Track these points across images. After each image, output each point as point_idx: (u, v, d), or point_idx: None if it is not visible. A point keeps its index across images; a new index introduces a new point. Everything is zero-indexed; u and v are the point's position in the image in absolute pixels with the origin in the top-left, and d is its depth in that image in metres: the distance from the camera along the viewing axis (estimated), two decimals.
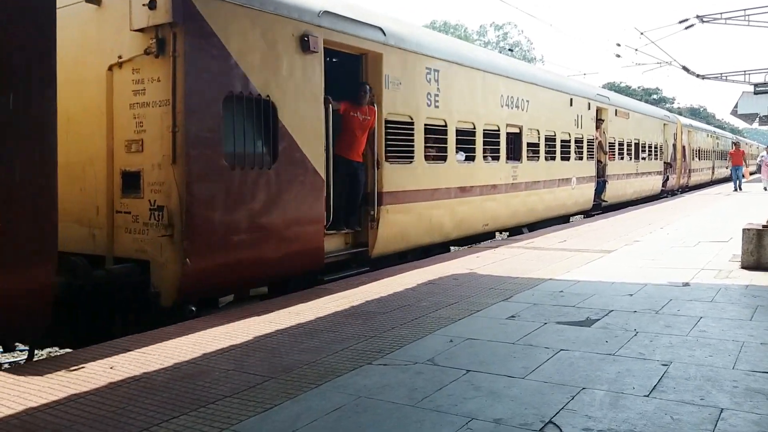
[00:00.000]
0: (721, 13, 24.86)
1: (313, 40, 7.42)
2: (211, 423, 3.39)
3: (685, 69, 29.46)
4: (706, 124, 47.28)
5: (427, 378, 4.04)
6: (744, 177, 28.45)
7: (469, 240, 11.67)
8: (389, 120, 8.98)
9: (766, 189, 26.11)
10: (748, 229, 7.83)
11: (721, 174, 40.64)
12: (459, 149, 10.77)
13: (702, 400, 3.56)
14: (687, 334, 4.93)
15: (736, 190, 26.13)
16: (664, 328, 5.12)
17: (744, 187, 27.48)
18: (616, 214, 16.65)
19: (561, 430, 3.20)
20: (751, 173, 42.70)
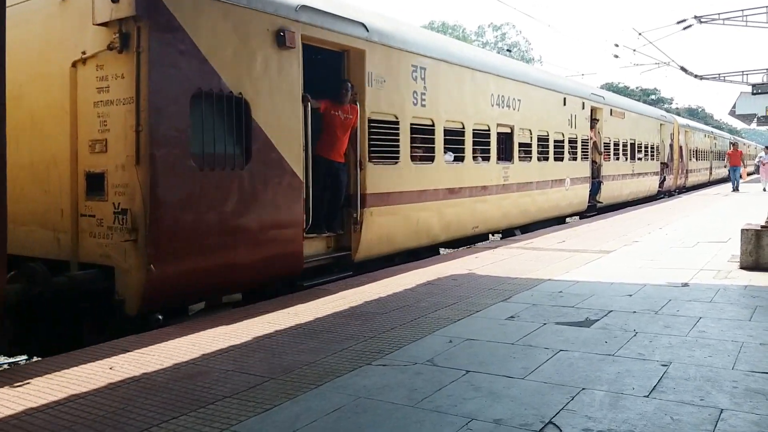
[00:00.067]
0: (719, 14, 24.90)
1: (289, 36, 7.11)
2: (210, 423, 3.38)
3: (683, 69, 29.48)
4: (703, 125, 47.30)
5: (427, 378, 4.04)
6: (741, 178, 28.44)
7: (460, 243, 11.46)
8: (373, 119, 8.69)
9: (765, 190, 26.14)
10: (747, 230, 7.84)
11: (719, 174, 40.60)
12: (447, 149, 10.49)
13: (702, 400, 3.56)
14: (686, 335, 4.93)
15: (734, 190, 26.16)
16: (664, 329, 5.12)
17: (743, 188, 27.53)
18: (614, 215, 16.64)
19: (561, 430, 3.20)
20: (749, 174, 42.72)
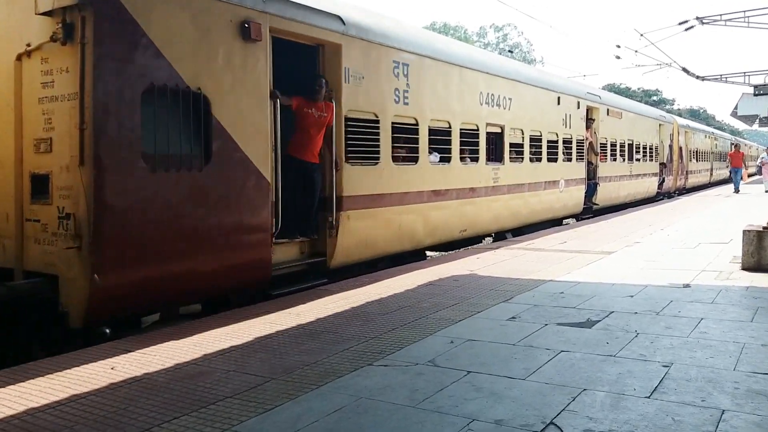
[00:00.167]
0: (720, 15, 24.91)
1: (255, 27, 6.67)
2: (212, 424, 3.38)
3: (684, 70, 29.49)
4: (704, 125, 47.15)
5: (428, 379, 4.04)
6: (742, 179, 28.36)
7: (453, 246, 11.17)
8: (350, 117, 8.24)
9: (767, 191, 26.08)
10: (749, 231, 7.83)
11: (720, 176, 40.42)
12: (432, 150, 10.10)
13: (703, 401, 3.56)
14: (688, 336, 4.93)
15: (735, 191, 26.11)
16: (665, 330, 5.12)
17: (744, 189, 27.48)
18: (615, 216, 16.59)
19: (562, 431, 3.20)
20: (750, 175, 42.59)
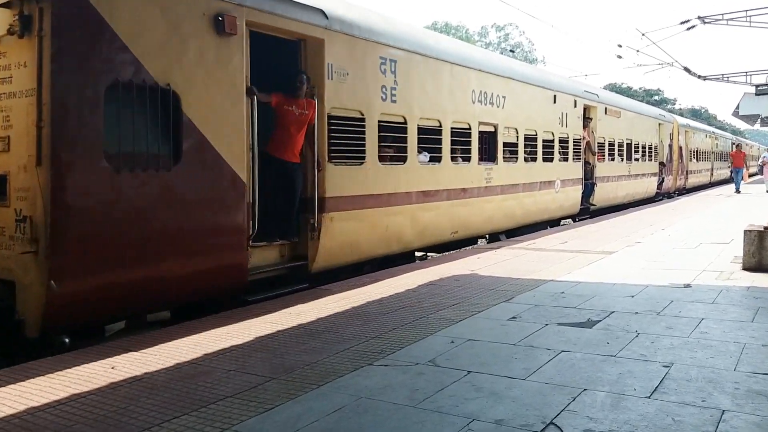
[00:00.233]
0: (722, 14, 24.90)
1: (229, 21, 6.36)
2: (212, 423, 3.39)
3: (686, 70, 29.47)
4: (704, 124, 46.98)
5: (429, 379, 4.04)
6: (743, 179, 28.29)
7: (440, 249, 10.91)
8: (334, 115, 7.90)
9: None
10: (750, 231, 7.83)
11: (721, 176, 40.25)
12: (422, 149, 9.78)
13: (703, 401, 3.56)
14: (688, 336, 4.93)
15: (736, 191, 26.05)
16: (666, 330, 5.11)
17: (745, 189, 27.44)
18: (614, 216, 16.57)
19: (562, 431, 3.20)
20: (750, 175, 42.48)
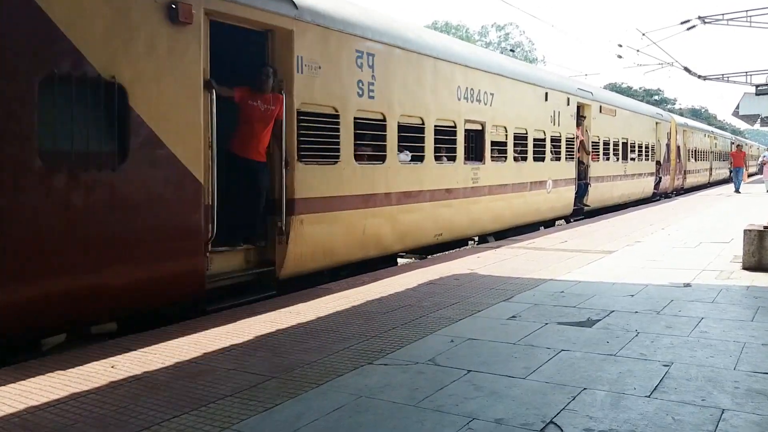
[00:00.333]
0: (722, 14, 24.91)
1: (184, 9, 5.95)
2: (212, 422, 3.39)
3: (686, 70, 29.48)
4: (703, 124, 46.83)
5: (428, 378, 4.04)
6: (742, 179, 28.24)
7: (424, 252, 10.59)
8: (304, 111, 7.44)
9: None
10: (750, 230, 7.83)
11: (720, 175, 40.06)
12: (403, 148, 9.34)
13: (703, 400, 3.56)
14: (688, 335, 4.93)
15: (736, 191, 26.02)
16: (666, 329, 5.12)
17: (745, 189, 27.42)
18: (614, 215, 16.56)
19: (562, 430, 3.20)
20: (750, 175, 42.40)
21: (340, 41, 8.01)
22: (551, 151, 14.37)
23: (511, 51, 67.13)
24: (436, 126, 10.01)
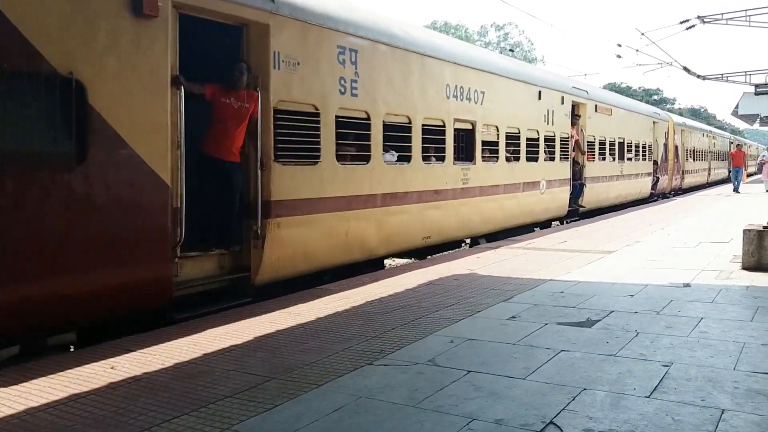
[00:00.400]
0: (722, 14, 24.91)
1: (149, 1, 5.69)
2: (211, 423, 3.38)
3: (686, 69, 29.48)
4: (701, 123, 46.71)
5: (428, 378, 4.04)
6: (741, 179, 28.22)
7: (413, 255, 10.42)
8: (282, 109, 7.15)
9: None
10: (749, 230, 7.84)
11: (719, 175, 39.89)
12: (389, 148, 9.09)
13: (703, 401, 3.56)
14: (688, 335, 4.93)
15: (736, 191, 26.01)
16: (665, 329, 5.12)
17: (745, 188, 27.43)
18: (613, 215, 16.56)
19: (562, 430, 3.20)
20: (749, 175, 42.38)
21: (321, 36, 7.74)
22: (545, 151, 14.10)
23: (510, 51, 67.15)
24: (423, 125, 9.74)
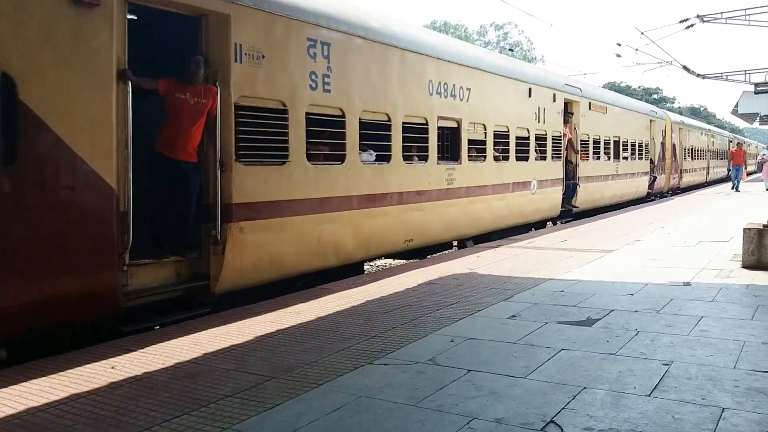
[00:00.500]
0: (721, 13, 24.86)
1: None
2: (212, 423, 3.39)
3: (685, 68, 29.46)
4: (699, 122, 46.55)
5: (428, 377, 4.04)
6: (741, 178, 28.17)
7: (395, 258, 10.05)
8: (244, 105, 6.71)
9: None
10: (749, 229, 7.84)
11: (717, 174, 39.65)
12: (366, 147, 8.63)
13: (703, 399, 3.56)
14: (688, 334, 4.93)
15: (736, 190, 25.99)
16: (665, 328, 5.12)
17: (744, 187, 27.42)
18: (613, 215, 16.56)
19: (562, 429, 3.20)
20: (749, 173, 42.31)
21: (289, 28, 7.26)
22: (536, 150, 13.70)
23: (510, 50, 67.14)
24: (404, 123, 9.30)
